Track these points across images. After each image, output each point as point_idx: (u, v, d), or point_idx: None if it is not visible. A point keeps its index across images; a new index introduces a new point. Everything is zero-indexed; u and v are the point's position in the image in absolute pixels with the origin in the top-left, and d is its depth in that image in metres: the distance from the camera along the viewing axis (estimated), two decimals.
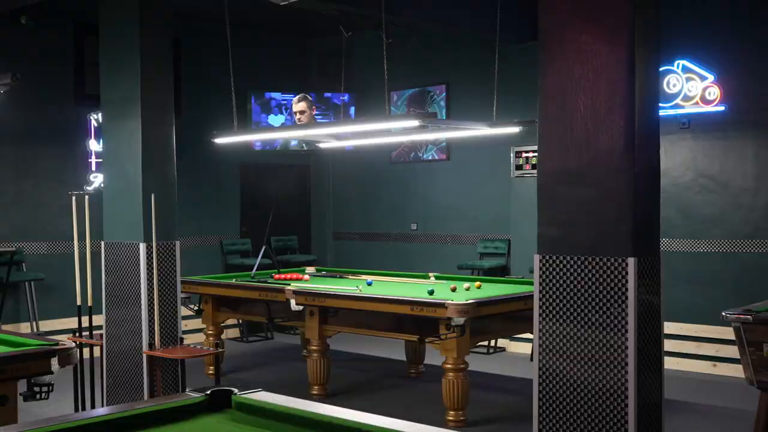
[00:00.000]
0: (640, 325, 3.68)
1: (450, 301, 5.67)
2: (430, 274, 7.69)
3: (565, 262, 3.85)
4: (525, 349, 8.59)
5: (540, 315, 3.94)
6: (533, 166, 8.70)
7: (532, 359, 8.36)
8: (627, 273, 3.66)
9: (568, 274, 3.84)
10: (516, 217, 8.90)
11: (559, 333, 3.86)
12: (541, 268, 3.92)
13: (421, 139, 9.58)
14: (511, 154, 8.89)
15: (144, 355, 5.70)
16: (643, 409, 3.72)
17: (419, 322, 6.00)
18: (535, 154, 8.65)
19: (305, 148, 7.89)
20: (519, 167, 8.83)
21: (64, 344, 4.10)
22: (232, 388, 3.02)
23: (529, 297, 6.17)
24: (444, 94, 9.56)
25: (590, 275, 3.77)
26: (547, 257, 3.90)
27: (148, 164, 5.76)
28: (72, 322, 6.45)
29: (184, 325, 9.29)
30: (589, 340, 3.77)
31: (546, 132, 3.92)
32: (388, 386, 7.31)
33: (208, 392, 2.99)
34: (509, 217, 9.00)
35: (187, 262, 9.21)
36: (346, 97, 9.98)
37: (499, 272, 8.87)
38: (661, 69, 4.37)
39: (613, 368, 3.70)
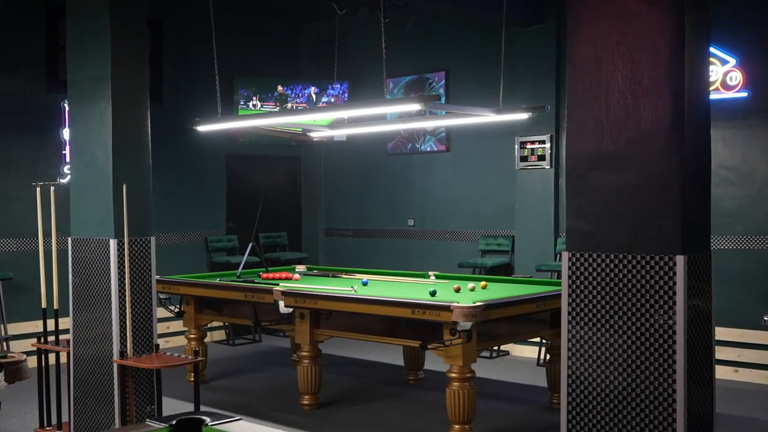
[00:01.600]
0: (690, 332, 3.13)
1: (455, 304, 5.10)
2: (430, 274, 7.14)
3: (599, 260, 3.28)
4: (530, 352, 8.05)
5: (570, 321, 3.37)
6: (539, 158, 8.15)
7: (539, 363, 7.85)
8: (675, 273, 3.10)
9: (603, 274, 3.27)
10: (520, 212, 8.35)
11: (593, 340, 3.30)
12: (570, 268, 3.35)
13: (419, 127, 9.01)
14: (516, 145, 8.33)
15: (114, 364, 5.11)
16: (693, 424, 3.16)
17: (420, 327, 5.45)
18: (542, 145, 8.11)
19: (300, 133, 7.31)
20: (524, 159, 8.27)
21: (13, 357, 3.52)
22: (204, 417, 2.45)
23: (543, 299, 5.64)
24: (443, 81, 9.00)
25: (630, 276, 3.21)
26: (578, 255, 3.33)
27: (119, 151, 5.16)
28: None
29: (166, 327, 8.74)
30: (632, 350, 3.21)
31: (576, 109, 3.35)
32: (385, 395, 6.74)
33: (173, 422, 2.41)
34: (513, 212, 8.44)
35: (170, 260, 8.69)
36: (345, 87, 9.42)
37: (503, 271, 8.31)
38: None
39: (659, 379, 3.14)
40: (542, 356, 7.79)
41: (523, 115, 6.42)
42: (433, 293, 5.81)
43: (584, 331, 3.32)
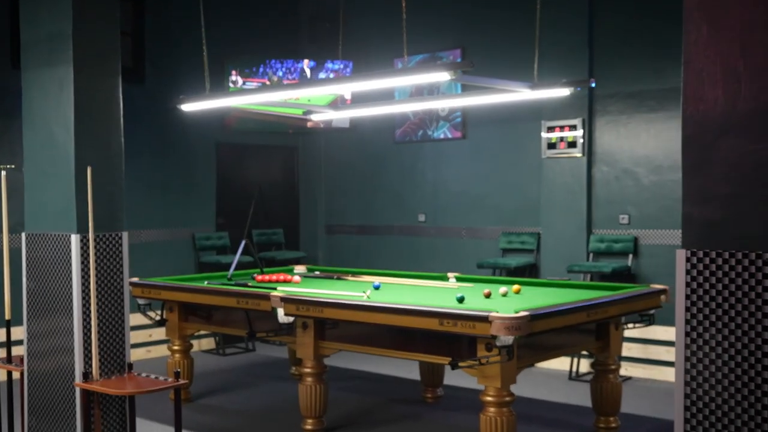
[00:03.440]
0: None
1: (495, 314, 4.18)
2: (450, 275, 6.22)
3: (733, 261, 2.36)
4: (558, 364, 7.11)
5: (688, 344, 2.45)
6: (569, 145, 7.23)
7: (571, 377, 6.95)
8: None
9: (740, 281, 2.35)
10: (547, 206, 7.42)
11: (724, 371, 2.38)
12: (689, 271, 2.43)
13: (433, 108, 8.06)
14: (542, 131, 7.40)
15: (77, 388, 4.17)
16: None
17: (447, 340, 4.53)
18: (572, 132, 7.19)
19: (298, 117, 6.41)
20: (551, 146, 7.34)
21: None
22: None
23: (594, 307, 4.73)
24: (459, 60, 8.06)
25: None
26: (701, 254, 2.41)
27: (83, 127, 4.23)
28: None
29: (148, 335, 7.79)
30: None
31: (697, 53, 2.43)
32: (400, 416, 5.81)
33: None
34: (539, 206, 7.51)
35: (153, 260, 7.75)
36: (346, 64, 8.49)
37: (528, 272, 7.39)
38: None
39: None
40: (575, 369, 6.89)
41: (563, 91, 5.51)
42: (460, 299, 4.88)
43: (711, 357, 2.40)
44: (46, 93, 4.32)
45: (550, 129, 7.33)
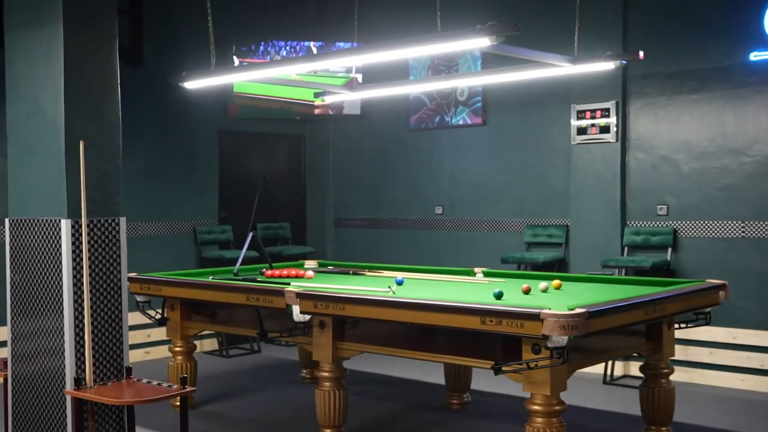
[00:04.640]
0: None
1: (547, 311, 3.65)
2: (476, 270, 5.69)
3: None
4: (591, 367, 6.56)
5: None
6: (602, 130, 6.70)
7: (605, 381, 6.43)
8: None
9: None
10: (577, 197, 6.89)
11: None
12: None
13: (453, 86, 7.51)
14: (572, 116, 6.87)
15: (68, 396, 3.63)
16: None
17: (484, 340, 4.00)
18: (605, 118, 6.66)
19: (307, 103, 5.91)
20: (582, 131, 6.82)
21: None
22: None
23: (652, 303, 4.21)
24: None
25: None
26: None
27: (74, 97, 3.69)
28: None
29: (147, 335, 7.26)
30: None
31: None
32: (426, 425, 5.28)
33: None
34: (567, 197, 6.99)
35: (151, 256, 7.20)
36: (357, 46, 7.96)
37: (556, 267, 6.86)
38: None
39: None
40: (610, 372, 6.37)
41: (607, 65, 5.01)
42: (498, 295, 4.35)
43: None
44: (32, 58, 3.78)
45: (581, 113, 6.80)
